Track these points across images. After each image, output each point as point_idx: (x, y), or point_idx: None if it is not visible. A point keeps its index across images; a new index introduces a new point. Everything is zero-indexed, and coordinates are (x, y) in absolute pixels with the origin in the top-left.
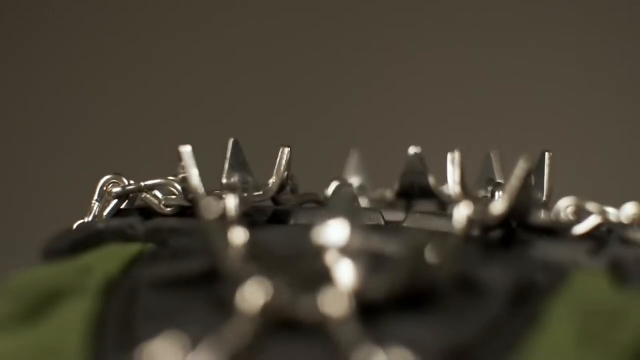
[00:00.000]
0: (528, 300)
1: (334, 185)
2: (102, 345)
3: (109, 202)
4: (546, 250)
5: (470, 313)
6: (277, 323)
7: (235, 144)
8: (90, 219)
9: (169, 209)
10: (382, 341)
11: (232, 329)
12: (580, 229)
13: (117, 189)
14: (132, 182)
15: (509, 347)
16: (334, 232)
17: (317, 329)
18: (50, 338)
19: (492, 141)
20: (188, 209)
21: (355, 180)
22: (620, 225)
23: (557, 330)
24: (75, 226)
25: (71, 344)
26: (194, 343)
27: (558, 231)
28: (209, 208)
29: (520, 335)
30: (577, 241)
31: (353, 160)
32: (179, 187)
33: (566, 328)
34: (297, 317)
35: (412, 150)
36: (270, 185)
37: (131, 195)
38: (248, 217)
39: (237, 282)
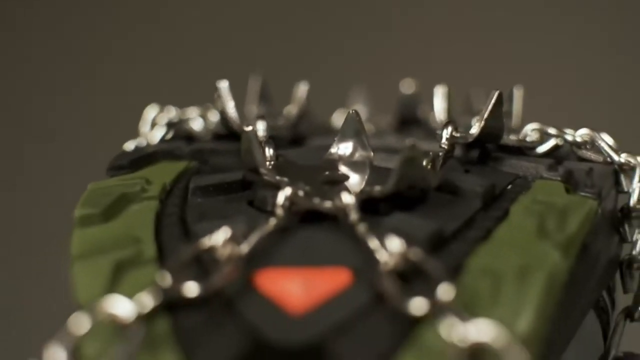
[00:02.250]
0: (498, 202)
1: (337, 113)
2: (164, 236)
3: (158, 129)
4: (514, 165)
5: (450, 211)
6: (301, 216)
7: (263, 80)
8: (144, 142)
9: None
10: (378, 229)
11: (268, 221)
12: (542, 148)
13: (164, 118)
14: (175, 111)
15: (480, 237)
16: (344, 148)
17: (331, 220)
18: (127, 229)
19: (476, 77)
20: (224, 134)
21: (359, 109)
22: (574, 144)
23: (519, 224)
24: (130, 149)
25: (143, 234)
26: (241, 234)
27: (524, 150)
28: (245, 132)
29: (490, 228)
30: (540, 158)
31: (357, 93)
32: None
33: (527, 221)
34: (316, 210)
35: (405, 83)
36: (292, 114)
37: (176, 122)
38: (274, 139)
39: (268, 186)
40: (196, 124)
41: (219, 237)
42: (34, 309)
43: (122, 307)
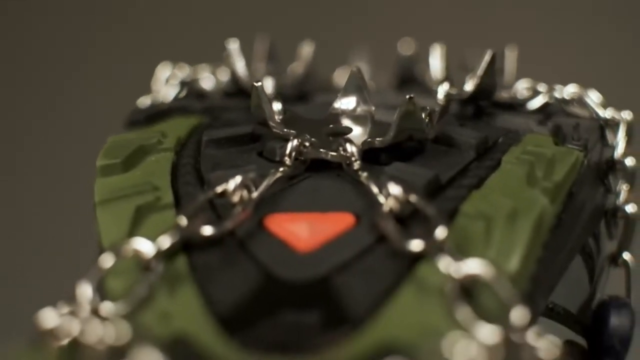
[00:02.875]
0: (490, 153)
1: (339, 71)
2: (180, 184)
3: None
4: (506, 120)
5: (446, 161)
6: (307, 165)
7: (271, 40)
8: (158, 99)
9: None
10: (379, 177)
11: (277, 170)
12: (533, 105)
13: (178, 76)
14: (188, 69)
15: (473, 184)
16: (347, 104)
17: (335, 169)
18: (145, 178)
19: (472, 37)
20: (234, 92)
21: (361, 67)
22: (563, 101)
23: (510, 172)
24: (145, 104)
25: (160, 182)
26: (252, 181)
27: (516, 106)
28: (254, 88)
29: (483, 177)
30: (530, 113)
31: (358, 51)
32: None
33: (517, 170)
34: (322, 157)
35: (404, 43)
36: (298, 73)
37: (189, 81)
38: (282, 95)
39: (278, 138)
40: (207, 83)
41: (231, 184)
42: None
43: (143, 246)
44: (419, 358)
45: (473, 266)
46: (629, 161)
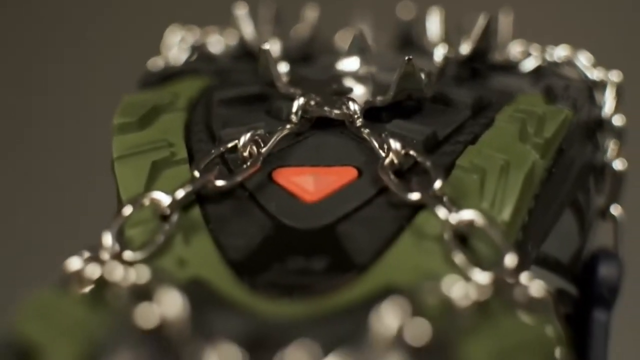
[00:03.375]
0: (485, 112)
1: (340, 33)
2: (193, 141)
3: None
4: (500, 81)
5: (443, 119)
6: (312, 123)
7: (277, 4)
8: (170, 61)
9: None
10: (379, 133)
11: (284, 127)
12: (526, 66)
13: (187, 40)
14: (197, 32)
15: (469, 140)
16: (350, 65)
17: (339, 126)
18: (160, 135)
19: (471, 1)
20: (242, 55)
21: (363, 29)
22: (554, 63)
23: (503, 129)
24: (156, 66)
25: (174, 139)
26: (261, 137)
27: (510, 68)
28: (262, 51)
29: (477, 133)
30: (523, 75)
31: (360, 14)
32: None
33: (510, 127)
34: (327, 115)
35: (403, 6)
36: (303, 35)
37: (199, 45)
38: (288, 57)
39: (284, 97)
40: (216, 46)
41: (241, 140)
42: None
43: (160, 198)
44: (419, 299)
45: (468, 215)
46: (616, 120)
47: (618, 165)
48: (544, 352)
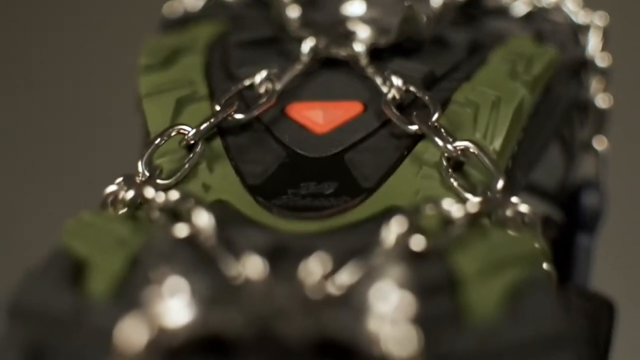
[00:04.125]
0: (478, 52)
1: None
2: (212, 79)
3: None
4: (493, 25)
5: (440, 59)
6: (321, 62)
7: None
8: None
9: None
10: (382, 71)
11: (296, 66)
12: (517, 11)
13: None
14: None
15: (463, 78)
16: (355, 9)
17: (346, 65)
18: (182, 74)
19: None
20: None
21: None
22: (544, 9)
23: (495, 68)
24: (178, 12)
25: (195, 78)
26: (275, 75)
27: (502, 13)
28: None
29: (471, 72)
30: (514, 19)
31: None
32: None
33: (501, 66)
34: (334, 56)
35: None
36: None
37: None
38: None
39: (295, 40)
40: None
41: (257, 78)
42: None
43: (186, 130)
44: (418, 217)
45: (463, 144)
46: (599, 59)
47: (600, 101)
48: (530, 263)
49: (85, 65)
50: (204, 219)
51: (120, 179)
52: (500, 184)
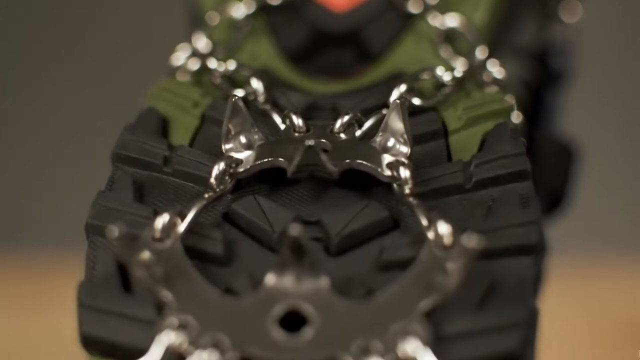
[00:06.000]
0: None
1: None
2: None
3: None
4: None
5: None
6: None
7: None
8: None
9: None
10: None
11: None
12: None
13: None
14: None
15: None
16: None
17: None
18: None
19: None
20: None
21: None
22: None
23: None
24: None
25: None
26: None
27: None
28: None
29: None
30: None
31: None
32: None
33: None
34: None
35: None
36: None
37: None
38: None
39: None
40: None
41: None
42: None
43: (234, 10)
44: (417, 80)
45: (452, 20)
46: None
47: None
48: (502, 117)
49: None
50: (255, 84)
51: (186, 53)
52: (480, 53)
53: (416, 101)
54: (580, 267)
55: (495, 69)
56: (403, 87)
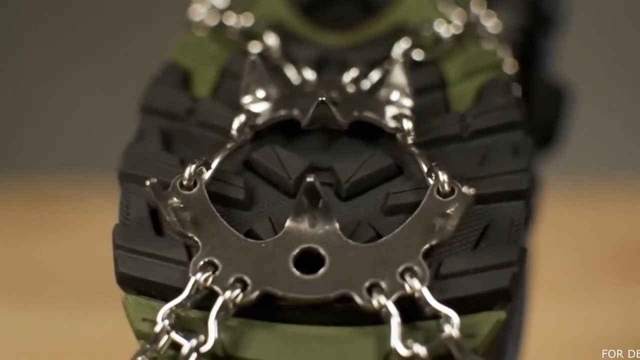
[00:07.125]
0: None
1: None
2: None
3: None
4: None
5: None
6: None
7: None
8: None
9: None
10: None
11: None
12: None
13: None
14: None
15: None
16: None
17: None
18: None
19: None
20: None
21: None
22: None
23: None
24: None
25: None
26: None
27: None
28: None
29: None
30: None
31: None
32: None
33: None
34: None
35: None
36: None
37: None
38: None
39: None
40: None
41: None
42: None
43: None
44: (419, 33)
45: None
46: None
47: None
48: (496, 69)
49: None
50: (271, 38)
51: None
52: (477, 7)
53: (417, 56)
54: (580, 191)
55: (492, 23)
56: (404, 43)
